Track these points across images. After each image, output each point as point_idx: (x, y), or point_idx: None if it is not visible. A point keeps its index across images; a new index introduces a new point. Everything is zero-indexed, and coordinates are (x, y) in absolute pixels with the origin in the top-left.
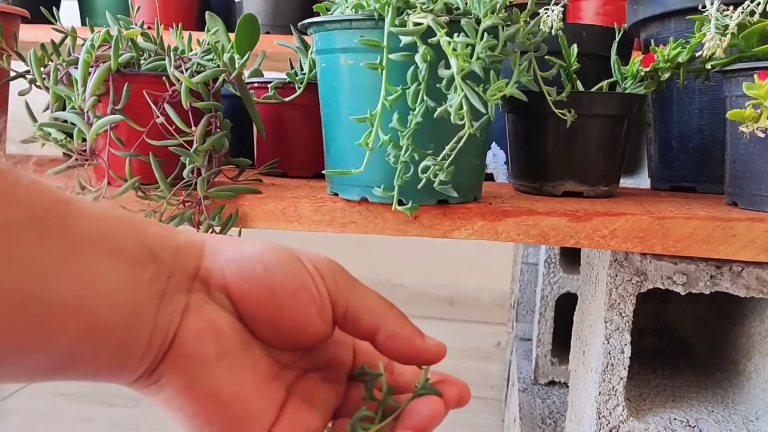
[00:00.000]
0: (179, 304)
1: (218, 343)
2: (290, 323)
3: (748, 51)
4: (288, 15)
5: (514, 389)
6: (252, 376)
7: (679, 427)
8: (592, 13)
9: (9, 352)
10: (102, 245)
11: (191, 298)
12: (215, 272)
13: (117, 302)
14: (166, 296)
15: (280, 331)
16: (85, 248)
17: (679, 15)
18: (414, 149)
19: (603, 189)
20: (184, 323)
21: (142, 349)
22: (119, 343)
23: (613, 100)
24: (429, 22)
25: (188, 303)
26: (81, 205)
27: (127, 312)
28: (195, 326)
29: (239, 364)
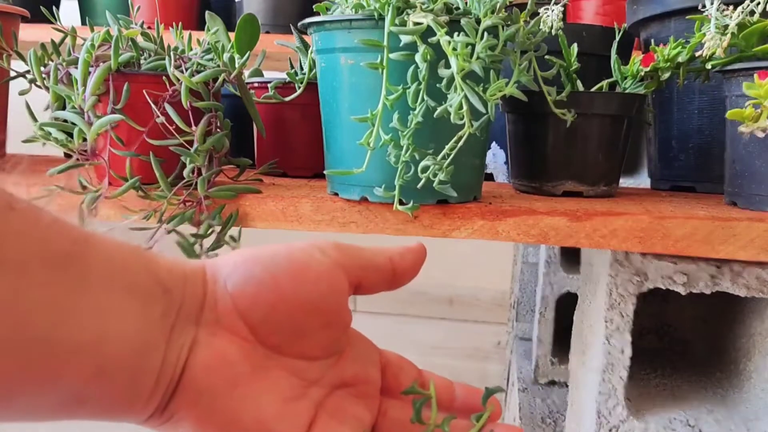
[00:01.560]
0: (187, 337)
1: (228, 372)
2: (306, 311)
3: (748, 51)
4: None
5: (514, 389)
6: (271, 399)
7: (679, 426)
8: (592, 12)
9: (14, 391)
10: (117, 282)
11: (199, 331)
12: (220, 294)
13: (128, 340)
14: (176, 330)
15: (299, 327)
16: (101, 287)
17: (679, 15)
18: (414, 149)
19: (603, 189)
20: (192, 357)
21: (151, 387)
22: (129, 381)
23: (613, 99)
24: (429, 22)
25: (195, 336)
26: (98, 243)
27: (137, 350)
28: (203, 359)
29: (255, 389)
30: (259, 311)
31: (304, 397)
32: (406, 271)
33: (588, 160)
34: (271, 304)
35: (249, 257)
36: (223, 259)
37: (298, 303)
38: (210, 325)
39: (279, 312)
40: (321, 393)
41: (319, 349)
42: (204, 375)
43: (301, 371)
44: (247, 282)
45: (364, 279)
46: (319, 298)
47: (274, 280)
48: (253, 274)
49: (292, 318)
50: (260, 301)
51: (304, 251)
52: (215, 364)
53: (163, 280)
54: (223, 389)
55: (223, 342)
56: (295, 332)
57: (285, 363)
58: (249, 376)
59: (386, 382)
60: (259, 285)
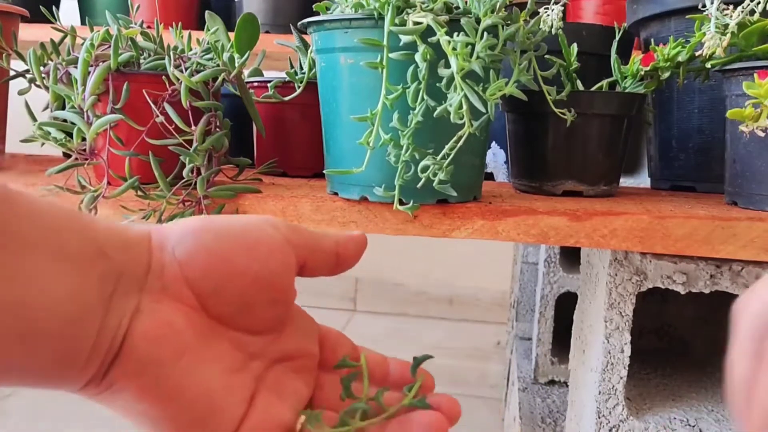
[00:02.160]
0: (129, 305)
1: (174, 342)
2: (256, 285)
3: (748, 50)
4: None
5: (514, 388)
6: (216, 370)
7: (679, 426)
8: (591, 12)
9: None
10: (45, 245)
11: (142, 299)
12: (167, 261)
13: (57, 306)
14: (116, 297)
15: (247, 301)
16: (24, 249)
17: (679, 14)
18: (414, 148)
19: (603, 188)
20: (134, 325)
21: (86, 355)
22: (59, 348)
23: (613, 99)
24: (429, 22)
25: (139, 304)
26: (23, 203)
27: (69, 316)
28: (146, 327)
29: (200, 360)
30: (209, 282)
31: (245, 370)
32: (348, 258)
33: (588, 159)
34: (222, 275)
35: (200, 226)
36: (171, 226)
37: (248, 277)
38: (155, 293)
39: (229, 284)
40: (261, 367)
41: (264, 324)
42: (147, 344)
43: (243, 344)
44: (198, 251)
45: (310, 260)
46: (269, 274)
47: (226, 251)
48: (203, 243)
49: (241, 291)
50: (211, 272)
51: (257, 225)
52: (160, 332)
53: (101, 245)
54: (167, 359)
55: (169, 310)
56: (242, 305)
57: (229, 335)
58: (195, 346)
59: (324, 357)
60: (210, 255)
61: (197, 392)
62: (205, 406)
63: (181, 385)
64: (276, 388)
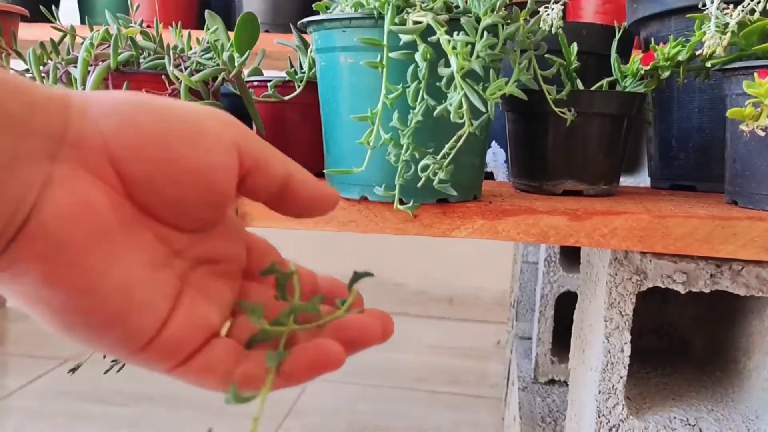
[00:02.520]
0: (37, 174)
1: (91, 223)
2: (191, 180)
3: (748, 49)
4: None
5: (514, 388)
6: (137, 262)
7: (679, 425)
8: (591, 11)
9: None
10: None
11: (56, 168)
12: (89, 131)
13: None
14: (19, 163)
15: (179, 195)
16: None
17: (679, 13)
18: (414, 148)
19: (603, 188)
20: (44, 199)
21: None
22: None
23: (613, 98)
24: (429, 21)
25: (51, 174)
26: None
27: None
28: (60, 203)
29: (120, 248)
30: (139, 166)
31: (169, 267)
32: (298, 198)
33: (588, 159)
34: (154, 161)
35: (135, 101)
36: (99, 95)
37: (185, 169)
38: (71, 164)
39: (161, 173)
40: (185, 266)
41: (193, 222)
42: (60, 221)
43: (168, 239)
44: (128, 128)
45: (252, 175)
46: (209, 171)
47: (162, 134)
48: (136, 121)
49: (174, 184)
50: (141, 155)
51: (203, 114)
52: (76, 209)
53: None
54: (83, 241)
55: (87, 186)
56: (173, 199)
57: (153, 227)
58: (115, 231)
59: (250, 265)
60: (143, 136)
61: (116, 284)
62: (125, 300)
63: (98, 273)
64: (201, 289)
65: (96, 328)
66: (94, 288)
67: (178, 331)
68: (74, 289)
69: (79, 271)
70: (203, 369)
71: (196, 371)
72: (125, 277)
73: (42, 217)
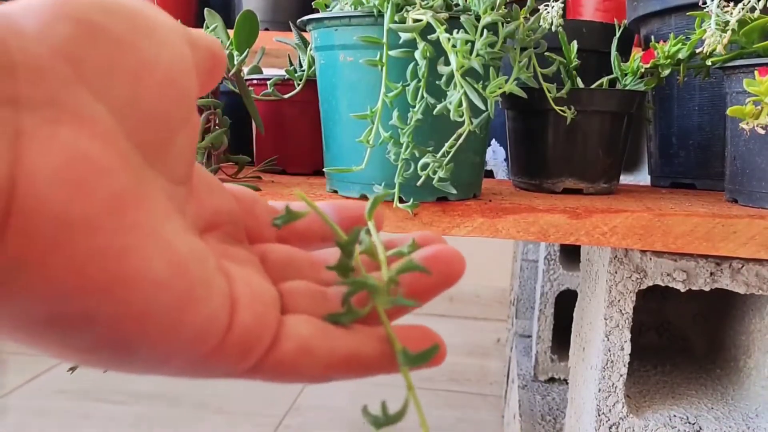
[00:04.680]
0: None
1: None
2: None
3: (748, 47)
4: (287, 11)
5: (514, 386)
6: (172, 230)
7: (679, 423)
8: (591, 9)
9: None
10: None
11: (21, 117)
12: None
13: None
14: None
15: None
16: None
17: (679, 11)
18: (414, 146)
19: (603, 186)
20: (22, 164)
21: None
22: None
23: (613, 96)
24: (428, 19)
25: (18, 126)
26: None
27: None
28: (48, 166)
29: (147, 216)
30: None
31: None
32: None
33: (588, 157)
34: (130, 70)
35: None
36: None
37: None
38: (43, 107)
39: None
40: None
41: (181, 164)
42: (59, 194)
43: (173, 196)
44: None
45: None
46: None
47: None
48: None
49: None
50: (116, 68)
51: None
52: (74, 173)
53: None
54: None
55: (75, 135)
56: (162, 120)
57: (158, 180)
58: (133, 193)
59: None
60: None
61: (165, 265)
62: (184, 284)
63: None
64: (232, 257)
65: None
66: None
67: (251, 313)
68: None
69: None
70: (300, 354)
71: (291, 359)
72: (171, 253)
73: (32, 188)
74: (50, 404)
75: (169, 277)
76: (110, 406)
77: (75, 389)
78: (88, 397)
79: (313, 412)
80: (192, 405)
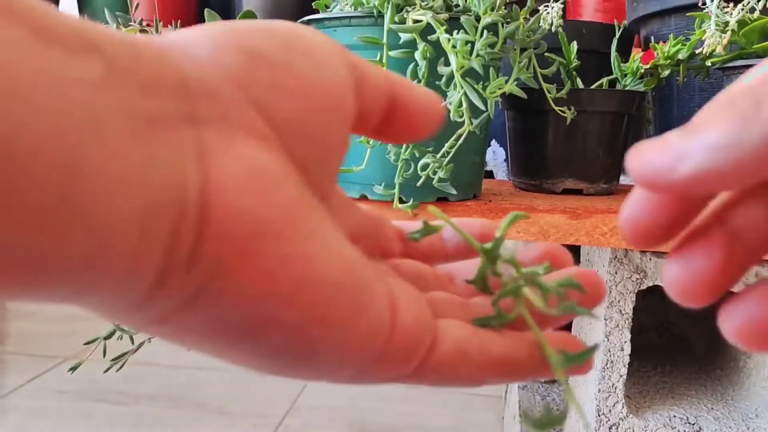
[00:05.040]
0: (184, 141)
1: (278, 197)
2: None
3: (748, 48)
4: (287, 12)
5: (514, 386)
6: (334, 235)
7: (679, 424)
8: (591, 9)
9: None
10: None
11: (202, 133)
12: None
13: None
14: (156, 128)
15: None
16: None
17: (679, 12)
18: (414, 147)
19: (603, 186)
20: (211, 175)
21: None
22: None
23: (613, 97)
24: (428, 19)
25: (201, 140)
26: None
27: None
28: (234, 176)
29: (313, 222)
30: (285, 103)
31: None
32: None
33: (588, 157)
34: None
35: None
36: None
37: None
38: (216, 124)
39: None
40: None
41: (328, 181)
42: (247, 201)
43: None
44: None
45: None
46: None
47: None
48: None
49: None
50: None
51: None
52: (255, 183)
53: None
54: (279, 224)
55: (251, 149)
56: (322, 140)
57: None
58: (301, 201)
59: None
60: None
61: (338, 269)
62: (354, 288)
63: (314, 261)
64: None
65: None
66: (319, 282)
67: (411, 315)
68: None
69: (297, 267)
70: (457, 356)
71: (450, 361)
72: (342, 258)
73: (222, 201)
74: (50, 405)
75: (341, 280)
76: (110, 406)
77: (75, 390)
78: (88, 398)
79: (313, 412)
80: (192, 405)
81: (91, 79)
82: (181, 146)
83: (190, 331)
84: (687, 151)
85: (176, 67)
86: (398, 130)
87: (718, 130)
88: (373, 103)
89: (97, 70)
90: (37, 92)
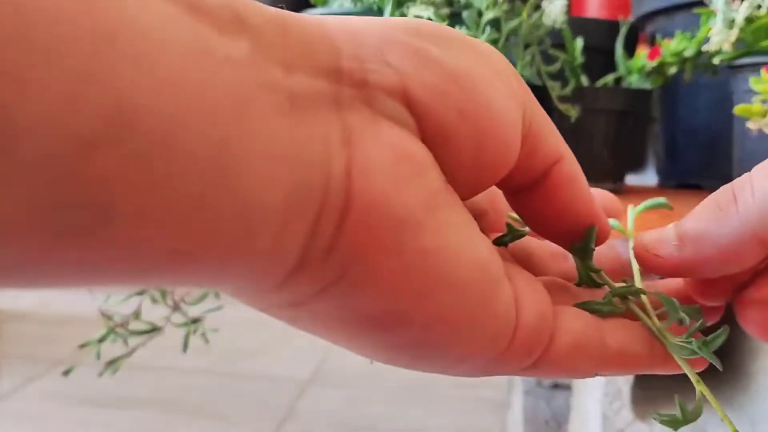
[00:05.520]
0: (328, 124)
1: (424, 186)
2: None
3: (755, 45)
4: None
5: (518, 391)
6: (475, 229)
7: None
8: (596, 5)
9: None
10: None
11: (347, 116)
12: (373, 65)
13: None
14: (301, 104)
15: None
16: None
17: (685, 8)
18: None
19: (608, 186)
20: (355, 160)
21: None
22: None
23: (619, 94)
24: (430, 15)
25: (346, 123)
26: None
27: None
28: (380, 162)
29: (450, 213)
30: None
31: None
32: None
33: (593, 156)
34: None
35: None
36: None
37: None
38: (361, 109)
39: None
40: None
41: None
42: (394, 189)
43: None
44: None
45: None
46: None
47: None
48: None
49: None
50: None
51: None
52: (402, 170)
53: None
54: (421, 213)
55: (399, 137)
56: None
57: None
58: (445, 193)
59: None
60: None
61: (470, 262)
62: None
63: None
64: None
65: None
66: (452, 277)
67: (534, 312)
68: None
69: (433, 262)
70: (575, 349)
71: (567, 355)
72: (476, 252)
73: (367, 188)
74: (46, 409)
75: (474, 277)
76: (105, 411)
77: (69, 394)
78: (82, 403)
79: (312, 416)
80: (188, 410)
81: (239, 56)
82: (325, 128)
83: (321, 319)
84: None
85: (331, 49)
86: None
87: None
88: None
89: (245, 48)
90: (188, 72)
